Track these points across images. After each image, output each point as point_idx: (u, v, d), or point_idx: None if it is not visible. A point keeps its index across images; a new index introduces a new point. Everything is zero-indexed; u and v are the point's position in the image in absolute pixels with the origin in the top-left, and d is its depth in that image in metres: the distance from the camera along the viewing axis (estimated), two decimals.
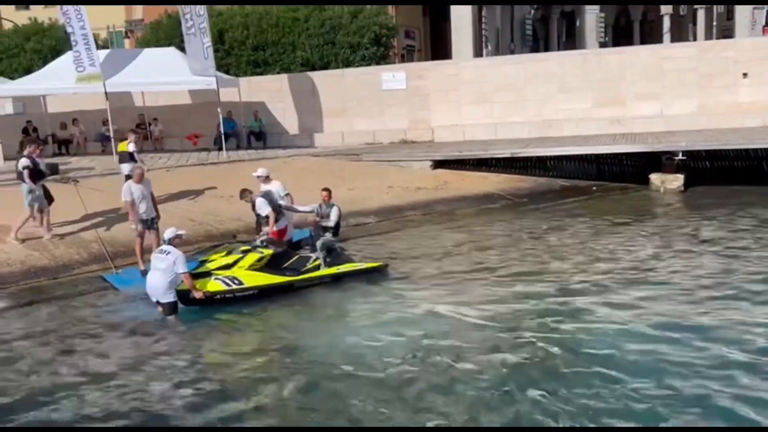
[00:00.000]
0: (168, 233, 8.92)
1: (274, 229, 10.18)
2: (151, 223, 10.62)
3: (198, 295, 8.72)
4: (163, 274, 8.56)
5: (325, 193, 10.55)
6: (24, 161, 11.62)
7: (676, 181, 15.83)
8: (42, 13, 32.27)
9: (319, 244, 9.97)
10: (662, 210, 14.33)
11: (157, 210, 10.78)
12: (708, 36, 35.58)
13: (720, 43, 24.56)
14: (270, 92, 22.11)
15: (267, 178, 11.20)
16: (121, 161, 13.37)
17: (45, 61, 23.40)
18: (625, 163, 17.46)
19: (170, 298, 8.63)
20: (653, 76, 18.97)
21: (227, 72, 22.78)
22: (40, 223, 11.65)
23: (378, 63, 24.01)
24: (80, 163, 17.57)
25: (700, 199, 14.91)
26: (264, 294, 9.21)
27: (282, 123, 22.13)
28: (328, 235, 10.20)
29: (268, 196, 10.41)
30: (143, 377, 6.99)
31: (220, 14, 25.21)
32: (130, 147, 13.12)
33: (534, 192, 16.19)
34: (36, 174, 11.56)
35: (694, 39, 36.90)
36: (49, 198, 11.88)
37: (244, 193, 10.59)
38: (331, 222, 10.28)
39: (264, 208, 10.21)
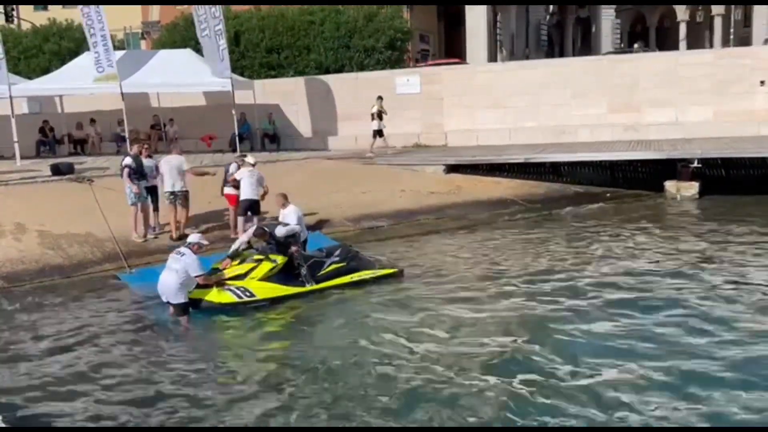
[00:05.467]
0: (192, 237, 9.09)
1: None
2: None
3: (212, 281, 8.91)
4: (176, 275, 8.60)
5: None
6: (127, 160, 11.80)
7: (691, 188, 15.70)
8: (60, 14, 32.57)
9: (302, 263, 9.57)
10: (676, 218, 14.18)
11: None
12: (725, 43, 35.35)
13: (736, 50, 24.36)
14: (284, 95, 22.19)
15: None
16: (373, 119, 18.57)
17: (63, 62, 23.61)
18: (640, 170, 17.32)
19: (181, 299, 8.65)
20: (668, 83, 18.85)
21: (242, 74, 22.90)
22: (142, 222, 11.91)
23: (392, 67, 24.05)
24: (95, 163, 17.70)
25: (715, 208, 14.75)
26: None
27: (296, 126, 22.20)
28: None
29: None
30: (150, 376, 7.02)
31: (236, 17, 25.38)
32: (374, 109, 18.47)
33: (547, 198, 16.12)
34: (137, 174, 11.72)
35: (711, 46, 36.67)
36: (155, 199, 12.14)
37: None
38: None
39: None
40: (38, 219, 12.04)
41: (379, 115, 18.56)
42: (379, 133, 18.76)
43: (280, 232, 9.57)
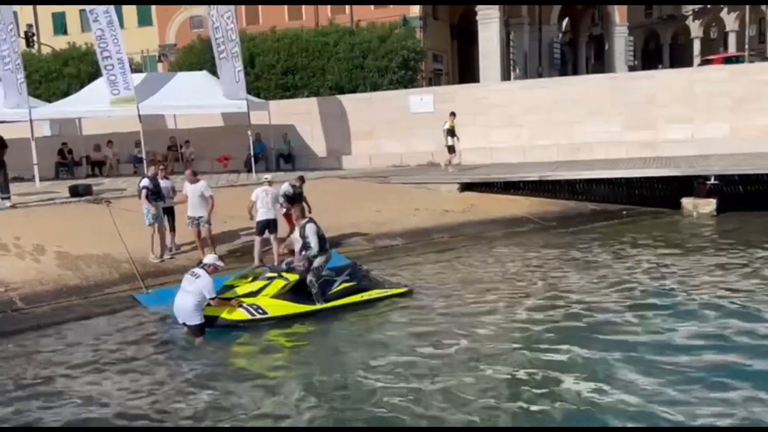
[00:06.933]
0: (208, 259, 9.15)
1: None
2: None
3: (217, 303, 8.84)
4: (191, 297, 8.64)
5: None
6: (144, 181, 11.95)
7: (709, 205, 15.55)
8: (80, 38, 33.16)
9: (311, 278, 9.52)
10: (694, 236, 13.99)
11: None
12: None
13: (752, 66, 24.25)
14: (299, 115, 22.36)
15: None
16: (446, 136, 18.33)
17: (82, 85, 23.98)
18: (657, 187, 17.22)
19: (196, 320, 8.68)
20: (684, 100, 18.77)
21: (257, 95, 23.13)
22: (159, 243, 12.00)
23: (406, 86, 24.18)
24: (113, 185, 17.88)
25: (733, 225, 14.60)
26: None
27: (311, 145, 22.34)
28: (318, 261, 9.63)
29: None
30: (162, 396, 7.04)
31: (251, 38, 25.71)
32: (446, 126, 18.23)
33: (563, 216, 16.04)
34: (154, 195, 11.86)
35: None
36: (171, 219, 12.28)
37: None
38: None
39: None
40: (57, 240, 12.14)
41: (452, 131, 18.27)
42: (452, 149, 18.45)
43: (310, 230, 9.62)
